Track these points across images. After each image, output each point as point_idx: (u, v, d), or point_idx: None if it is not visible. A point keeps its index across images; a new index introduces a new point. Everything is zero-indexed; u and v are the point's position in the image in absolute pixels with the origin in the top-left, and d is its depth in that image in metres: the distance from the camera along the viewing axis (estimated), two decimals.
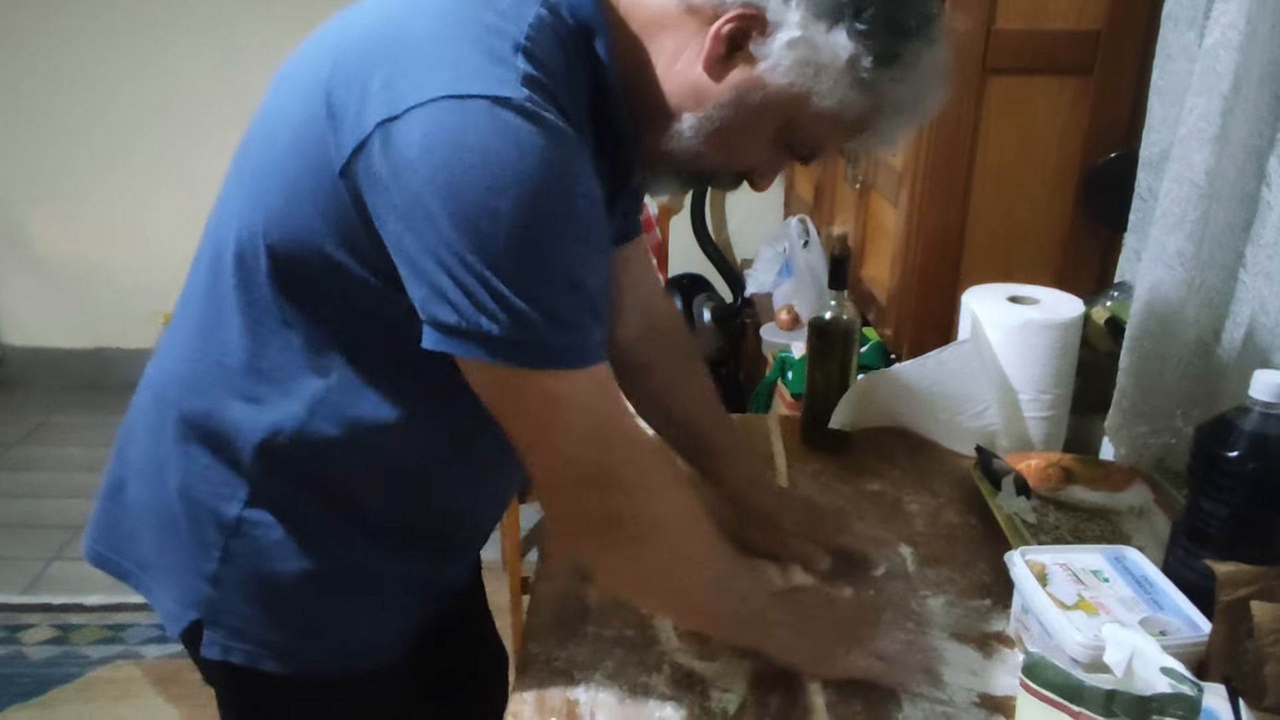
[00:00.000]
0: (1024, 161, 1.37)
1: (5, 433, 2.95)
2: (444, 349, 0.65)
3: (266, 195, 0.71)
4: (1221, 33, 0.96)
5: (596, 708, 0.78)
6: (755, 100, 0.69)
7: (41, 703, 1.89)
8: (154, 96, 2.96)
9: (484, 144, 0.61)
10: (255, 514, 0.77)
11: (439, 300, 0.64)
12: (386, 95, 0.63)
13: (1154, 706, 0.61)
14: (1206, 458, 0.82)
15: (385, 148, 0.63)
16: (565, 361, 0.66)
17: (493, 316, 0.63)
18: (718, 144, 0.72)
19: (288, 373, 0.74)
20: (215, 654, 0.80)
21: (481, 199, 0.61)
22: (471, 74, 0.62)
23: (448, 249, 0.62)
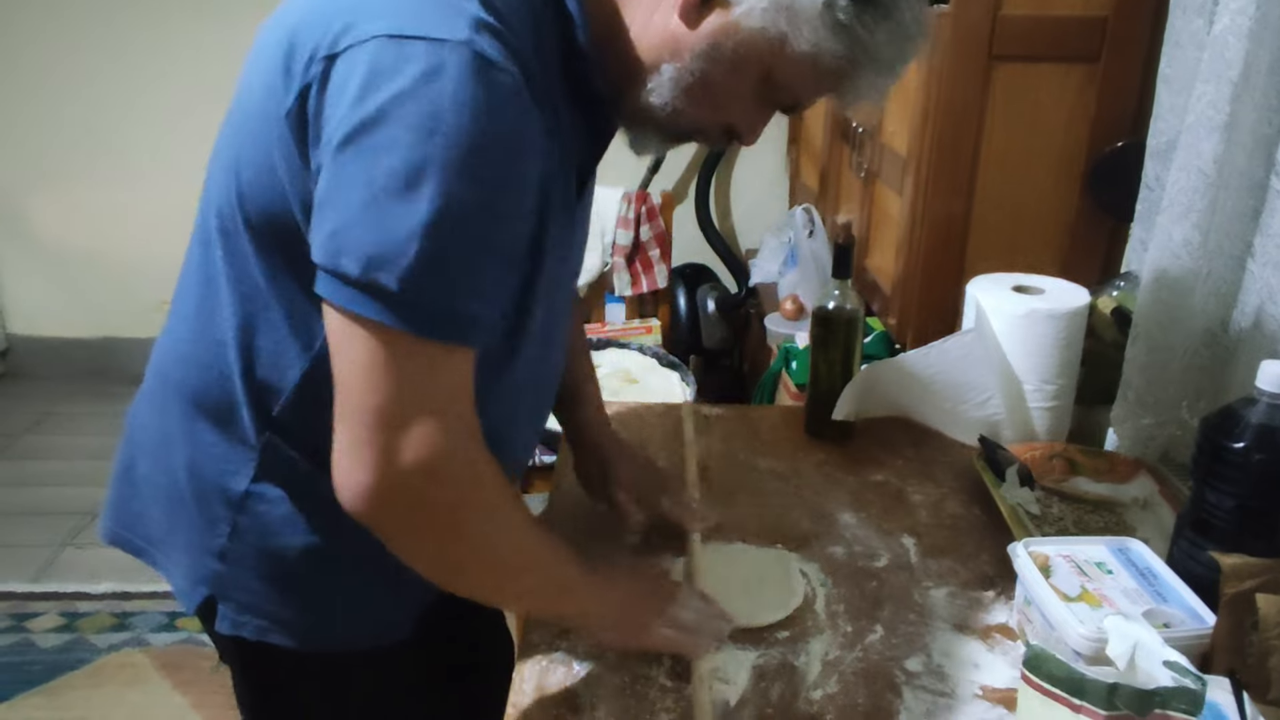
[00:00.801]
0: (1030, 150, 1.35)
1: (12, 422, 2.96)
2: (320, 290, 0.63)
3: (239, 165, 0.71)
4: (1231, 19, 0.95)
5: (597, 699, 0.78)
6: (731, 48, 0.69)
7: (50, 689, 1.90)
8: (158, 85, 2.95)
9: (411, 86, 0.59)
10: (261, 489, 0.78)
11: (320, 237, 0.62)
12: (332, 38, 0.63)
13: (1157, 700, 0.61)
14: (1212, 449, 0.82)
15: (321, 84, 0.63)
16: (432, 330, 0.63)
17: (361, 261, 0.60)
18: (698, 97, 0.71)
19: (279, 344, 0.74)
20: (226, 629, 0.81)
21: (390, 140, 0.59)
22: (416, 16, 0.61)
23: (346, 186, 0.61)
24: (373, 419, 0.64)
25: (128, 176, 3.05)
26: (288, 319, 0.73)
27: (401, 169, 0.59)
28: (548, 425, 1.86)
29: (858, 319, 1.15)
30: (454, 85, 0.59)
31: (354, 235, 0.61)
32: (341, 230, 0.61)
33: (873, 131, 1.68)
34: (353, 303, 0.62)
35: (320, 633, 0.82)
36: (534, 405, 0.90)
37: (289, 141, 0.66)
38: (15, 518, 2.48)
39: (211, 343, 0.77)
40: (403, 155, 0.59)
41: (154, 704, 1.88)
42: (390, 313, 0.62)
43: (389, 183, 0.60)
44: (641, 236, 2.64)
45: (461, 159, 0.60)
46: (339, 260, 0.61)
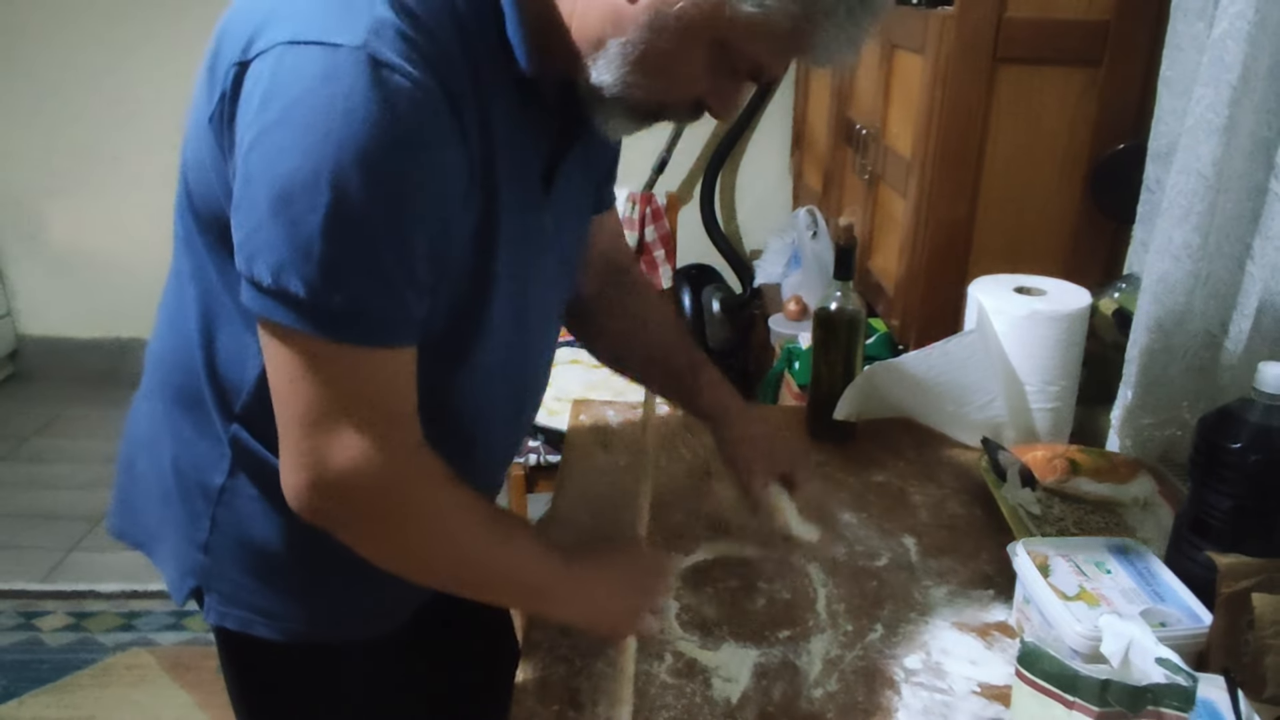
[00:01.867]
0: (1032, 152, 1.36)
1: (23, 424, 2.98)
2: (247, 303, 0.65)
3: (187, 167, 0.73)
4: (1230, 23, 0.95)
5: (599, 695, 0.79)
6: (673, 15, 0.66)
7: (59, 688, 1.92)
8: (170, 88, 2.97)
9: (303, 93, 0.60)
10: (236, 483, 0.79)
11: (244, 251, 0.63)
12: (245, 44, 0.64)
13: (1149, 696, 0.61)
14: (1210, 449, 0.82)
15: (234, 91, 0.64)
16: (348, 334, 0.64)
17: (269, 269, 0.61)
18: (649, 71, 0.69)
19: (237, 340, 0.75)
20: (213, 619, 0.83)
21: (288, 148, 0.60)
22: (317, 21, 0.61)
23: (254, 196, 0.62)
24: (300, 424, 0.66)
25: (139, 180, 3.07)
26: (243, 316, 0.73)
27: (297, 174, 0.60)
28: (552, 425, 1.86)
29: (859, 320, 1.15)
30: (346, 89, 0.59)
31: (261, 242, 0.62)
32: (250, 237, 0.63)
33: (876, 134, 1.69)
34: (268, 310, 0.63)
35: (303, 624, 0.83)
36: (513, 404, 0.89)
37: (214, 146, 0.67)
38: (25, 519, 2.49)
39: (182, 340, 0.79)
40: (298, 161, 0.60)
41: (161, 703, 1.89)
42: (302, 318, 0.63)
43: (286, 188, 0.60)
44: (646, 237, 2.65)
45: (354, 162, 0.60)
46: (252, 268, 0.63)
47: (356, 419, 0.66)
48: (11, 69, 2.98)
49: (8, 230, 3.17)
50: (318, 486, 0.67)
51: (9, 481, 2.68)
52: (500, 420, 0.88)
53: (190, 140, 0.72)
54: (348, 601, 0.84)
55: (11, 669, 1.96)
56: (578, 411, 1.29)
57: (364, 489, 0.67)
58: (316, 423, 0.65)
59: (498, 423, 0.87)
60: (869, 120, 1.75)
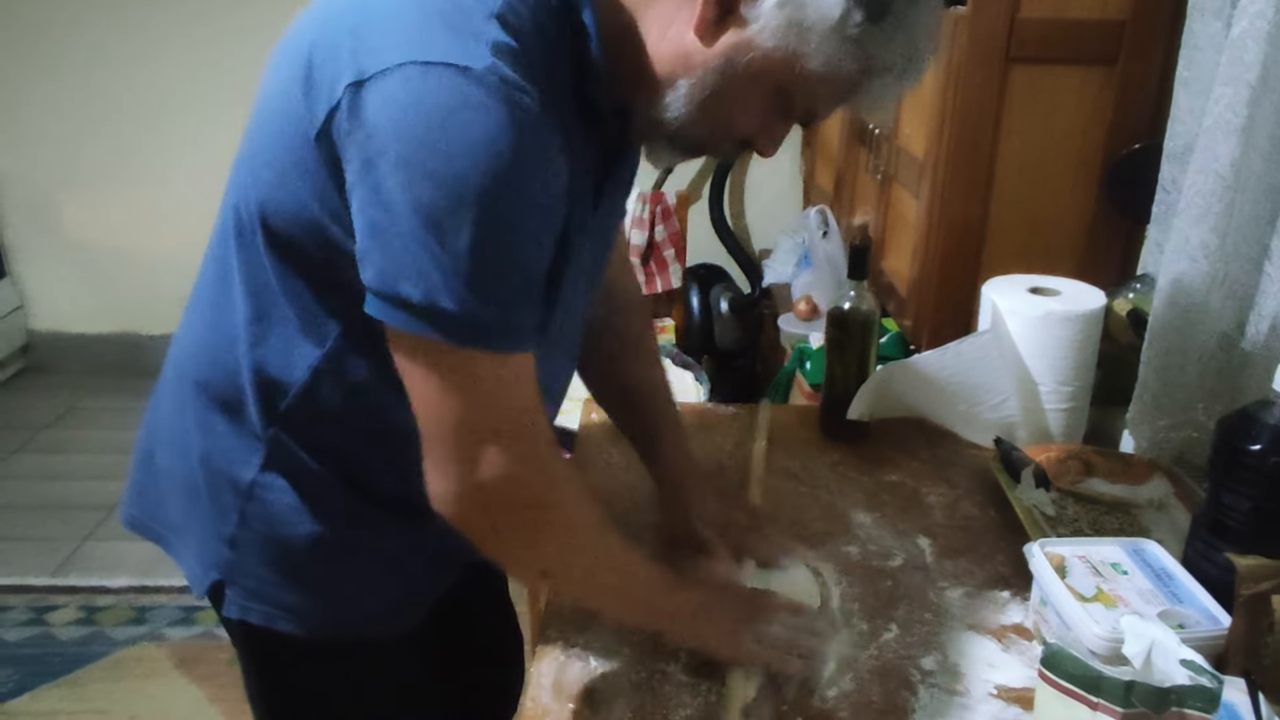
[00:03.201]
0: (1046, 152, 1.35)
1: (35, 416, 3.00)
2: (375, 313, 0.66)
3: (259, 169, 0.73)
4: (1249, 22, 0.95)
5: (614, 694, 0.79)
6: (746, 63, 0.69)
7: (70, 681, 1.93)
8: (181, 82, 2.98)
9: (442, 115, 0.61)
10: (268, 478, 0.80)
11: (373, 264, 0.65)
12: (357, 61, 0.64)
13: (1173, 698, 0.61)
14: (1228, 451, 0.82)
15: (352, 111, 0.64)
16: (489, 343, 0.67)
17: (420, 287, 0.63)
18: (712, 110, 0.72)
19: (288, 341, 0.76)
20: (234, 613, 0.84)
21: (430, 170, 0.62)
22: (438, 41, 0.63)
23: (393, 215, 0.63)
24: (450, 437, 0.69)
25: (151, 174, 3.08)
26: (298, 318, 0.75)
27: (443, 196, 0.62)
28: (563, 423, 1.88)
29: (873, 320, 1.15)
30: (484, 112, 0.61)
31: (408, 263, 0.63)
32: (397, 258, 0.64)
33: (889, 134, 1.69)
34: (416, 327, 0.65)
35: (325, 620, 0.84)
36: (551, 412, 0.91)
37: (318, 161, 0.68)
38: (37, 511, 2.51)
39: (224, 337, 0.79)
40: (443, 182, 0.62)
41: (172, 696, 1.90)
42: (452, 333, 0.65)
43: (433, 210, 0.62)
44: (656, 236, 2.65)
45: (498, 181, 0.62)
46: (399, 287, 0.64)
47: (503, 428, 0.69)
48: (25, 63, 2.99)
49: (20, 225, 3.18)
50: (469, 496, 0.70)
51: (21, 474, 2.70)
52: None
53: (267, 148, 0.72)
54: (369, 599, 0.85)
55: (23, 663, 1.97)
56: (589, 410, 1.29)
57: (513, 498, 0.71)
58: (466, 435, 0.69)
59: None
60: (882, 121, 1.75)
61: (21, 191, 3.14)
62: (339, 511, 0.82)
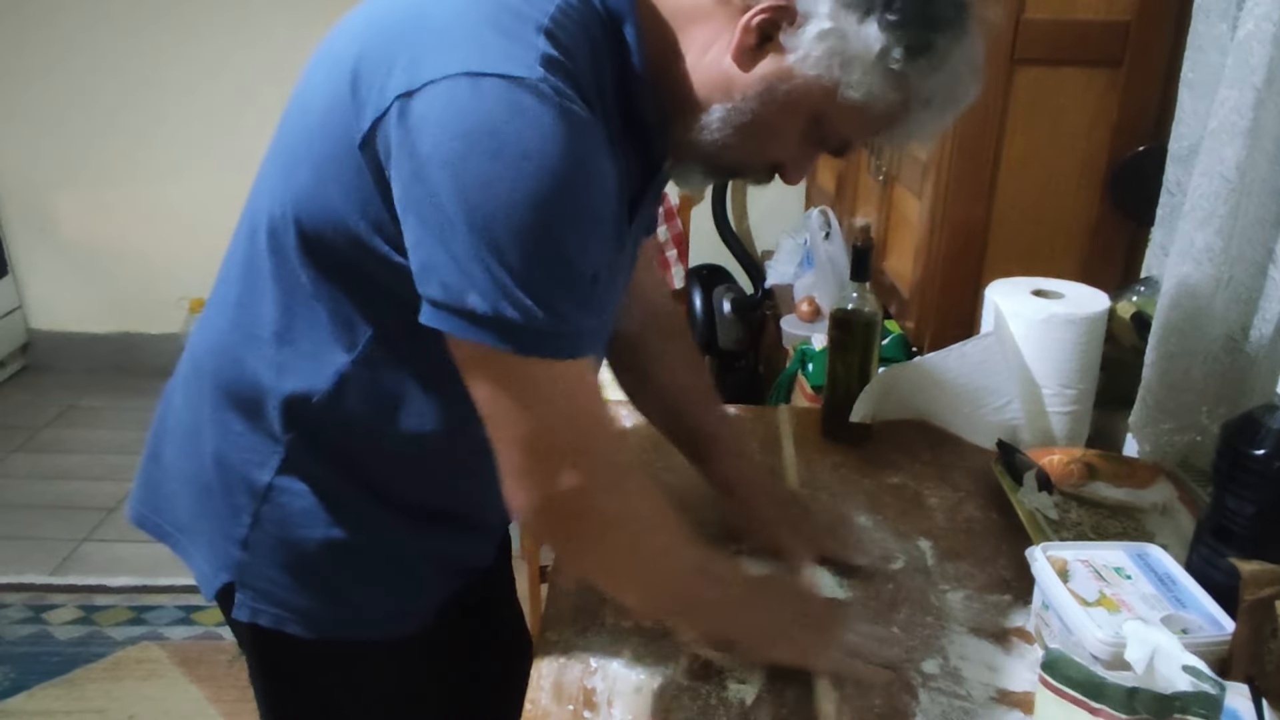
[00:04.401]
0: (1051, 154, 1.35)
1: (34, 416, 3.00)
2: (435, 324, 0.66)
3: (296, 173, 0.73)
4: (1255, 24, 0.95)
5: (613, 696, 0.79)
6: (784, 92, 0.69)
7: (69, 680, 1.93)
8: (182, 83, 2.98)
9: (495, 124, 0.61)
10: (285, 481, 0.80)
11: (434, 275, 0.65)
12: (407, 72, 0.64)
13: (1176, 704, 0.60)
14: (1232, 455, 0.81)
15: (401, 120, 0.64)
16: (553, 351, 0.67)
17: (484, 297, 0.63)
18: (747, 136, 0.72)
19: (317, 345, 0.76)
20: (245, 616, 0.83)
21: (486, 179, 0.62)
22: (489, 53, 0.63)
23: (449, 226, 0.63)
24: (523, 448, 0.69)
25: (150, 174, 3.09)
26: (330, 324, 0.75)
27: (501, 206, 0.62)
28: None
29: (876, 322, 1.15)
30: (535, 121, 0.62)
31: (470, 274, 0.63)
32: (455, 269, 0.64)
33: None
34: (484, 338, 0.65)
35: (335, 623, 0.84)
36: None
37: (362, 169, 0.68)
38: (36, 511, 2.51)
39: (248, 336, 0.79)
40: (499, 192, 0.62)
41: (171, 697, 1.90)
42: (519, 343, 0.65)
43: (489, 220, 0.62)
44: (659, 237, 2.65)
45: (553, 189, 0.63)
46: (465, 299, 0.64)
47: (575, 439, 0.70)
48: (26, 63, 2.99)
49: (19, 224, 3.18)
50: (547, 507, 0.70)
51: (21, 473, 2.70)
52: None
53: (305, 156, 0.72)
54: (379, 602, 0.85)
55: (21, 661, 1.97)
56: None
57: (590, 508, 0.71)
58: (539, 445, 0.69)
59: None
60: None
61: (21, 191, 3.14)
62: (354, 516, 0.81)
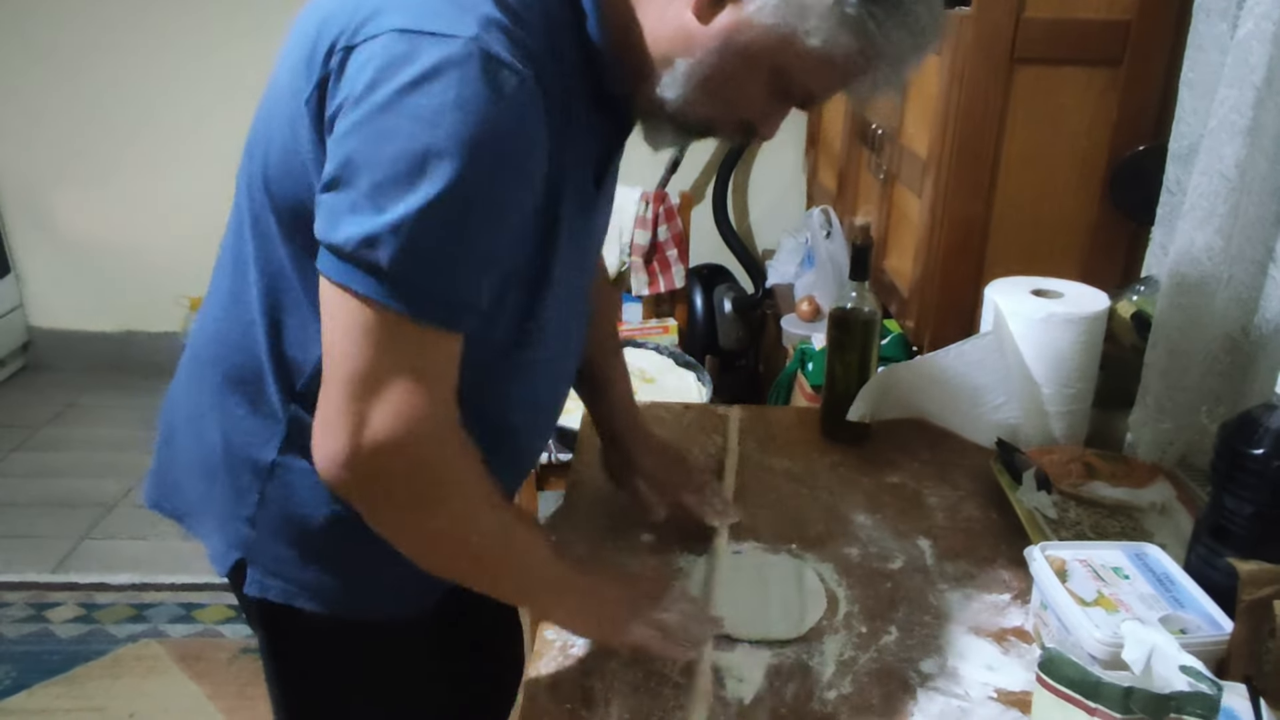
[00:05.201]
0: (1050, 153, 1.35)
1: (34, 414, 3.00)
2: (324, 269, 0.66)
3: (268, 150, 0.74)
4: (1255, 24, 0.95)
5: (612, 695, 0.79)
6: (743, 43, 0.69)
7: (70, 678, 1.93)
8: (180, 80, 2.98)
9: (417, 79, 0.62)
10: (288, 460, 0.81)
11: (325, 212, 0.66)
12: (353, 30, 0.66)
13: (1172, 705, 0.60)
14: (1231, 455, 0.81)
15: (339, 73, 0.66)
16: (418, 310, 0.66)
17: (359, 238, 0.63)
18: (711, 91, 0.72)
19: (303, 322, 0.77)
20: (255, 591, 0.85)
21: (396, 130, 0.62)
22: (429, 13, 0.64)
23: (354, 171, 0.64)
24: (349, 385, 0.67)
25: (149, 171, 3.08)
26: (310, 298, 0.75)
27: (403, 157, 0.62)
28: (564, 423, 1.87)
29: (875, 321, 1.15)
30: (459, 81, 0.62)
31: (354, 214, 0.64)
32: (342, 208, 0.65)
33: (892, 134, 1.68)
34: (345, 275, 0.65)
35: (342, 599, 0.85)
36: (551, 399, 0.92)
37: (309, 128, 0.69)
38: (36, 509, 2.51)
39: (241, 320, 0.80)
40: (405, 144, 0.62)
41: (172, 694, 1.90)
42: (380, 287, 0.64)
43: (389, 169, 0.63)
44: (659, 236, 2.65)
45: (460, 150, 0.62)
46: (335, 234, 0.65)
47: (404, 390, 0.67)
48: (24, 60, 2.99)
49: (19, 222, 3.18)
50: (354, 452, 0.67)
51: (21, 472, 2.70)
52: (539, 416, 0.91)
53: (274, 126, 0.73)
54: (385, 580, 0.85)
55: (22, 659, 1.97)
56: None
57: (403, 456, 0.68)
58: (366, 387, 0.67)
59: (537, 419, 0.91)
60: (885, 120, 1.75)
61: (21, 189, 3.14)
62: None
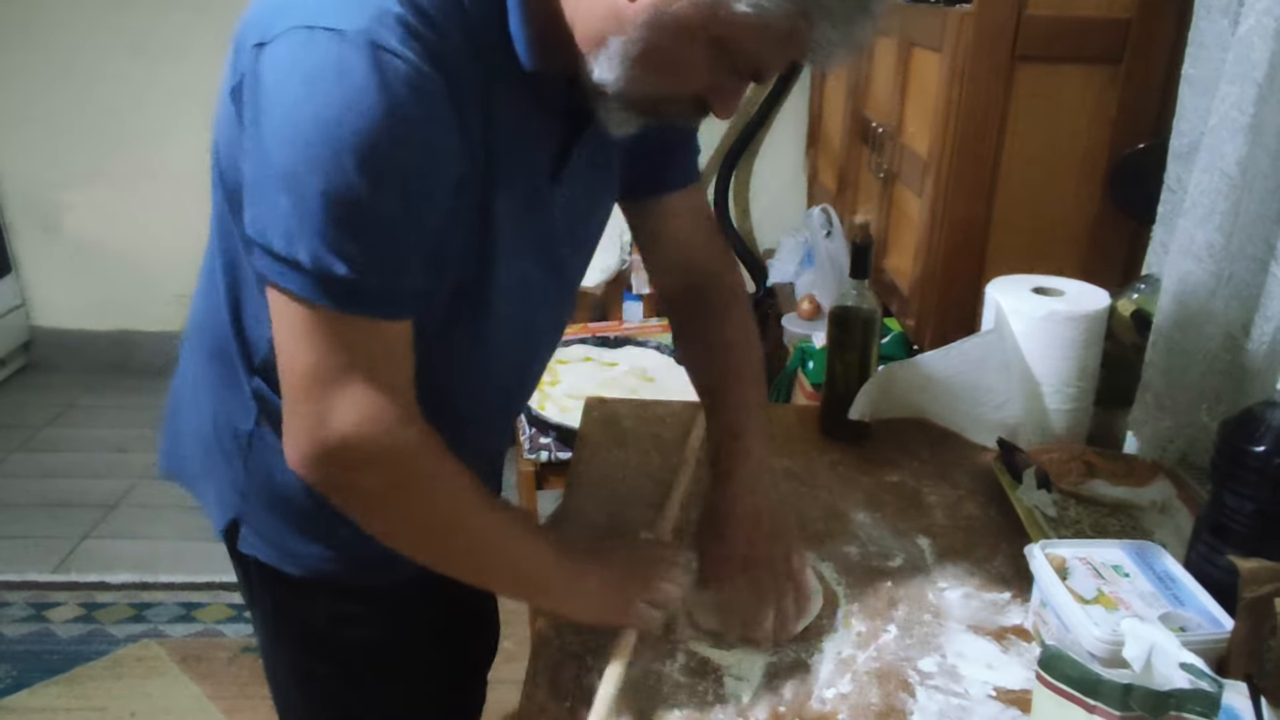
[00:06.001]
0: (1051, 151, 1.35)
1: (35, 414, 3.00)
2: (258, 268, 0.69)
3: (218, 140, 0.77)
4: (1256, 20, 0.94)
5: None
6: (672, 15, 0.67)
7: (70, 678, 1.93)
8: (182, 81, 2.98)
9: (316, 75, 0.63)
10: (262, 431, 0.85)
11: (249, 214, 0.68)
12: (267, 26, 0.67)
13: (1172, 702, 0.60)
14: (1231, 452, 0.81)
15: (252, 71, 0.67)
16: (347, 304, 0.67)
17: (282, 239, 0.66)
18: (648, 68, 0.70)
19: (258, 302, 0.79)
20: (247, 549, 0.90)
21: (297, 127, 0.64)
22: (328, 8, 0.64)
23: (266, 168, 0.66)
24: (302, 386, 0.70)
25: (150, 172, 3.09)
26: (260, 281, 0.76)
27: (303, 153, 0.64)
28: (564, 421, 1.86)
29: (875, 319, 1.15)
30: (347, 73, 0.63)
31: (273, 214, 0.66)
32: (263, 209, 0.67)
33: (893, 133, 1.68)
34: (279, 276, 0.67)
35: (324, 564, 0.88)
36: (515, 382, 0.96)
37: (234, 122, 0.71)
38: (37, 508, 2.51)
39: (214, 302, 0.85)
40: (304, 140, 0.64)
41: (172, 694, 1.90)
42: (307, 286, 0.66)
43: (293, 165, 0.64)
44: None
45: (354, 143, 0.63)
46: (265, 236, 0.67)
47: (356, 384, 0.69)
48: (27, 61, 2.99)
49: (21, 222, 3.18)
50: (319, 450, 0.70)
51: (22, 472, 2.70)
52: (499, 400, 0.93)
53: (219, 119, 0.76)
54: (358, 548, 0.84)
55: (22, 659, 1.97)
56: (590, 409, 1.29)
57: (364, 452, 0.70)
58: (318, 386, 0.69)
59: (497, 403, 0.93)
60: (885, 119, 1.74)
61: (23, 190, 3.14)
62: None
